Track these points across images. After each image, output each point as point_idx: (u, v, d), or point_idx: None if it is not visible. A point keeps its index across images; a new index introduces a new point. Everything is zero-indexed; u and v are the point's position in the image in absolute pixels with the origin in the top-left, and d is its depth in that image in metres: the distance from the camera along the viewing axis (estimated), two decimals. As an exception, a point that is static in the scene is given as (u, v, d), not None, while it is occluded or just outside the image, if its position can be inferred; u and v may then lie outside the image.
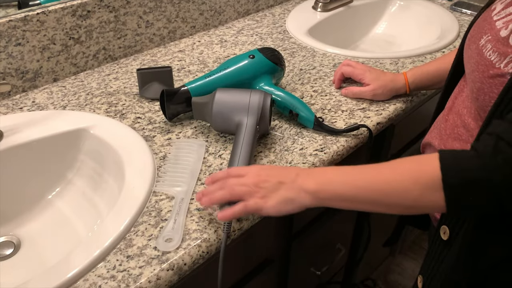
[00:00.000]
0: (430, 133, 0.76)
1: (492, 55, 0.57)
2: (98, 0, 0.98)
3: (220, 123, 0.78)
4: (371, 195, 0.56)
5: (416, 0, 1.43)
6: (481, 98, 0.59)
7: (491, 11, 0.63)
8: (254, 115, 0.75)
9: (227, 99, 0.76)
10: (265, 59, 0.86)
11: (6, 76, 0.91)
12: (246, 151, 0.71)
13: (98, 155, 0.79)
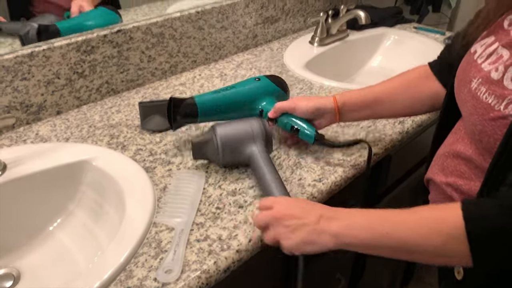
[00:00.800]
0: (431, 168, 0.77)
1: (489, 98, 0.59)
2: (102, 36, 1.01)
3: (229, 157, 0.80)
4: (393, 243, 0.57)
5: (410, 35, 1.47)
6: (485, 140, 0.60)
7: (472, 54, 0.66)
8: (261, 141, 0.79)
9: (230, 132, 0.79)
10: (270, 82, 0.90)
11: (11, 109, 0.93)
12: (276, 178, 0.75)
13: (99, 186, 0.80)
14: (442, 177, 0.71)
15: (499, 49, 0.61)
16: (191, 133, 0.95)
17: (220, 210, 0.74)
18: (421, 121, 1.01)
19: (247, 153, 0.79)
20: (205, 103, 0.85)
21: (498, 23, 0.64)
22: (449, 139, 0.74)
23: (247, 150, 0.79)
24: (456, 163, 0.68)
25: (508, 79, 0.58)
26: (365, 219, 0.59)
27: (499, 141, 0.57)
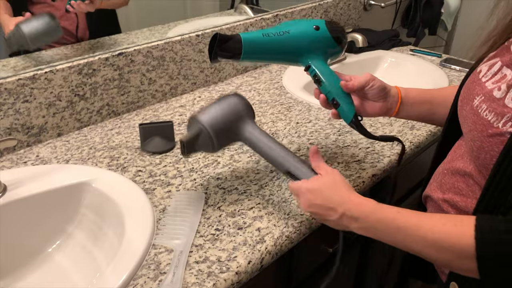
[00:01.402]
0: (430, 185, 0.78)
1: (489, 115, 0.60)
2: (103, 59, 1.03)
3: (223, 142, 0.76)
4: (407, 249, 0.61)
5: (407, 57, 1.49)
6: (482, 156, 0.61)
7: (477, 73, 0.68)
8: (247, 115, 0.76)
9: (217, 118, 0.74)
10: (329, 36, 0.78)
11: (12, 131, 0.94)
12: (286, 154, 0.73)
13: (99, 208, 0.80)
14: (440, 194, 0.72)
15: (503, 69, 0.63)
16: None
17: (219, 231, 0.74)
18: (418, 142, 1.02)
19: (239, 132, 0.76)
20: (252, 45, 0.75)
21: (505, 46, 0.66)
22: (449, 156, 0.74)
23: (238, 129, 0.75)
24: (454, 180, 0.69)
25: (509, 98, 0.59)
26: (383, 226, 0.62)
27: (495, 157, 0.58)
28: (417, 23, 1.99)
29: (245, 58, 0.75)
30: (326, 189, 0.66)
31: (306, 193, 0.68)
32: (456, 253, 0.56)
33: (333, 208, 0.65)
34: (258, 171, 0.90)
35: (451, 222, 0.58)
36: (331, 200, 0.65)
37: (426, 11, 1.98)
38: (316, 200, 0.67)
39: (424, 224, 0.59)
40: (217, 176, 0.89)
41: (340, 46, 0.81)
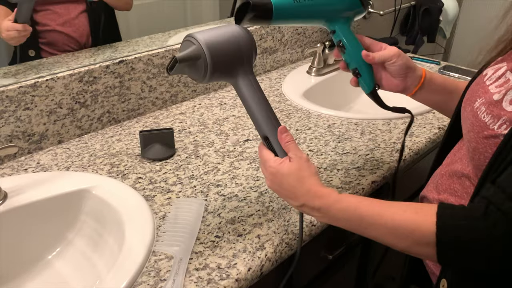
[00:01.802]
0: (427, 186, 0.79)
1: (486, 117, 0.61)
2: (104, 67, 1.04)
3: (214, 79, 0.68)
4: (370, 235, 0.62)
5: (405, 64, 1.50)
6: (477, 157, 0.62)
7: (483, 76, 0.69)
8: (248, 59, 0.69)
9: (221, 52, 0.66)
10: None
11: (13, 138, 0.94)
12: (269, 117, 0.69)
13: (99, 215, 0.81)
14: (435, 194, 0.73)
15: (507, 74, 0.64)
16: (190, 162, 0.96)
17: (219, 238, 0.75)
18: (418, 149, 1.03)
19: (234, 72, 0.68)
20: (282, 11, 0.73)
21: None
22: (448, 159, 0.75)
23: (234, 68, 0.68)
24: (450, 181, 0.70)
25: (507, 101, 0.60)
26: (345, 215, 0.63)
27: (488, 159, 0.59)
28: (416, 30, 2.00)
29: (276, 20, 0.74)
30: (289, 177, 0.65)
31: (271, 172, 0.67)
32: (416, 239, 0.57)
33: (294, 197, 0.66)
34: (257, 178, 0.90)
35: (412, 210, 0.59)
36: (293, 189, 0.65)
37: (425, 19, 1.99)
38: (279, 184, 0.67)
39: (385, 212, 0.60)
40: (217, 183, 0.89)
41: (364, 7, 0.80)
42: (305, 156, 0.67)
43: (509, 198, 0.53)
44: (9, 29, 0.96)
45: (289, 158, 0.66)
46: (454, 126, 0.76)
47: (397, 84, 0.80)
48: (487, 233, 0.53)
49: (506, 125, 0.58)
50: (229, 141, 1.04)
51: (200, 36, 0.65)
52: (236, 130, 1.09)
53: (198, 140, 1.04)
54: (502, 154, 0.56)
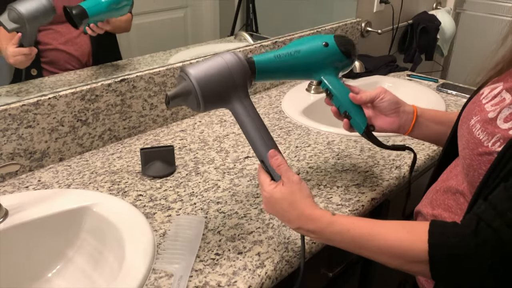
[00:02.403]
0: (422, 201, 0.80)
1: (481, 134, 0.63)
2: (106, 85, 1.05)
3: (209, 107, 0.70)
4: (364, 255, 0.64)
5: (404, 82, 1.52)
6: (471, 174, 0.63)
7: (480, 95, 0.70)
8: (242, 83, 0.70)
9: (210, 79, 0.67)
10: (338, 51, 0.80)
11: (15, 156, 0.95)
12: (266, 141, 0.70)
13: (99, 232, 0.81)
14: (429, 209, 0.74)
15: (503, 93, 0.65)
16: (190, 179, 0.96)
17: (219, 256, 0.75)
18: (416, 166, 1.03)
19: (229, 99, 0.70)
20: (264, 66, 0.77)
21: (510, 72, 0.68)
22: (444, 175, 0.76)
23: (229, 96, 0.70)
24: (445, 197, 0.71)
25: (501, 119, 0.61)
26: (339, 237, 0.64)
27: (482, 175, 0.59)
28: (414, 48, 2.03)
29: (259, 78, 0.77)
30: (282, 202, 0.67)
31: (265, 196, 0.69)
32: (409, 258, 0.58)
33: (288, 221, 0.67)
34: (258, 195, 0.91)
35: (404, 229, 0.60)
36: (287, 213, 0.67)
37: (422, 37, 2.02)
38: (274, 208, 0.69)
39: (378, 232, 0.61)
40: (217, 200, 0.89)
41: (349, 59, 0.82)
42: (296, 179, 0.67)
43: (500, 215, 0.54)
44: (16, 54, 0.97)
45: (282, 182, 0.68)
46: (451, 143, 0.77)
47: (391, 121, 0.82)
48: (477, 250, 0.54)
49: (500, 142, 0.59)
50: (229, 158, 1.05)
51: (191, 71, 0.67)
52: (236, 147, 1.09)
53: (198, 157, 1.05)
54: (496, 171, 0.57)
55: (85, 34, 1.07)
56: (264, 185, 0.69)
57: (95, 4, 1.04)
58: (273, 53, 0.78)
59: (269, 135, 0.71)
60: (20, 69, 1.01)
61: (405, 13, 1.95)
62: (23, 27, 0.96)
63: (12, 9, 0.94)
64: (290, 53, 0.78)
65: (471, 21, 2.29)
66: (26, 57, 0.99)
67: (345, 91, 0.81)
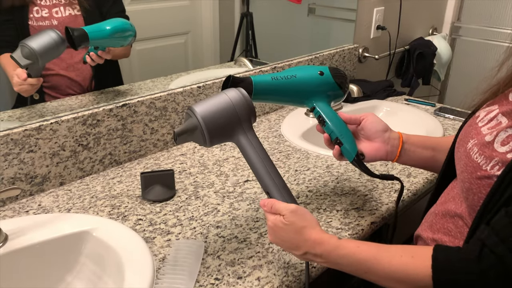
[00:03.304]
0: (421, 225, 0.80)
1: (479, 158, 0.63)
2: (108, 110, 1.06)
3: (215, 142, 0.73)
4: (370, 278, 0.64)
5: (402, 106, 1.54)
6: (471, 198, 0.64)
7: (475, 118, 0.72)
8: (246, 118, 0.73)
9: (215, 115, 0.71)
10: (332, 81, 0.84)
11: (16, 181, 0.95)
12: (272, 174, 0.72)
13: (99, 257, 0.80)
14: (429, 233, 0.74)
15: (499, 116, 0.66)
16: (190, 205, 0.97)
17: (218, 281, 0.74)
18: (416, 189, 1.04)
19: (234, 134, 0.73)
20: (262, 87, 0.81)
21: (504, 95, 0.69)
22: (442, 198, 0.76)
23: (234, 131, 0.73)
24: (444, 221, 0.71)
25: (498, 142, 0.62)
26: (345, 261, 0.65)
27: (482, 199, 0.60)
28: (411, 73, 2.06)
29: (256, 98, 0.81)
30: (288, 231, 0.68)
31: (271, 227, 0.70)
32: (413, 282, 0.59)
33: (296, 248, 0.68)
34: (257, 219, 0.91)
35: (408, 254, 0.61)
36: (294, 240, 0.68)
37: (419, 62, 2.05)
38: (280, 238, 0.69)
39: (382, 257, 0.62)
40: (217, 224, 0.89)
41: (342, 91, 0.86)
42: (293, 207, 0.69)
43: (502, 241, 0.54)
44: (22, 83, 0.99)
45: (282, 215, 0.69)
46: (448, 166, 0.78)
47: (378, 147, 0.83)
48: (481, 276, 0.54)
49: (498, 166, 0.60)
50: (229, 181, 1.05)
51: (197, 108, 0.71)
52: (236, 171, 1.10)
53: (198, 181, 1.05)
54: (496, 195, 0.58)
55: (84, 63, 1.09)
56: (268, 216, 0.70)
57: (98, 30, 1.06)
58: (271, 75, 0.82)
59: (274, 167, 0.74)
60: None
61: (401, 39, 1.98)
62: (35, 62, 0.98)
63: (24, 45, 0.96)
64: (287, 77, 0.83)
65: (466, 47, 2.33)
66: (32, 87, 1.01)
67: (337, 118, 0.84)
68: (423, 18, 2.16)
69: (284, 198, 0.71)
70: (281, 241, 0.69)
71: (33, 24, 1.00)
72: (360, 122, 0.84)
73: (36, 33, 1.00)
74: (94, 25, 1.07)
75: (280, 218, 0.68)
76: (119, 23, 1.09)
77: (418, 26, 2.16)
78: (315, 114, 0.85)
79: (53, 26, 1.02)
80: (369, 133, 0.83)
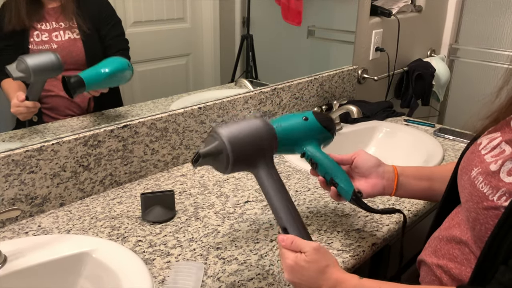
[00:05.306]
0: (425, 250, 0.79)
1: (485, 188, 0.63)
2: (109, 131, 1.07)
3: (236, 169, 0.71)
4: None
5: (401, 127, 1.55)
6: (478, 228, 0.63)
7: (478, 145, 0.71)
8: (269, 151, 0.72)
9: (242, 144, 0.69)
10: (317, 123, 0.84)
11: (16, 201, 0.95)
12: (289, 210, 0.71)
13: (98, 279, 0.80)
14: (434, 259, 0.73)
15: (502, 144, 0.66)
16: (190, 224, 0.96)
17: (219, 303, 0.73)
18: (416, 210, 1.03)
19: (256, 164, 0.71)
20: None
21: (506, 121, 0.69)
22: (445, 223, 0.76)
23: (255, 160, 0.71)
24: (449, 247, 0.70)
25: (504, 172, 0.61)
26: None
27: (490, 230, 0.59)
28: (410, 94, 2.07)
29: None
30: (309, 269, 0.66)
31: (290, 265, 0.67)
32: None
33: (317, 285, 0.66)
34: (258, 240, 0.90)
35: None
36: (314, 279, 0.66)
37: (418, 83, 2.07)
38: (299, 277, 0.67)
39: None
40: (217, 245, 0.89)
41: (330, 133, 0.86)
42: (316, 245, 0.68)
43: None
44: (19, 105, 1.00)
45: (304, 253, 0.67)
46: (450, 191, 0.78)
47: (374, 183, 0.83)
48: None
49: (506, 196, 0.59)
50: (229, 202, 1.05)
51: (223, 131, 0.68)
52: (236, 192, 1.10)
53: (198, 202, 1.05)
54: (504, 227, 0.57)
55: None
56: (287, 253, 0.68)
57: (94, 74, 1.07)
58: None
59: (293, 203, 0.72)
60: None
61: (400, 61, 2.01)
62: (28, 77, 0.99)
63: (21, 60, 0.98)
64: (273, 124, 0.81)
65: (465, 68, 2.36)
66: (28, 110, 1.02)
67: (329, 159, 0.84)
68: (421, 40, 2.19)
69: (302, 236, 0.70)
70: (300, 280, 0.67)
71: (33, 48, 1.02)
72: (352, 161, 0.85)
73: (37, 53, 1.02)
74: (92, 69, 1.07)
75: (302, 256, 0.66)
76: (117, 65, 1.10)
77: (416, 48, 2.18)
78: (307, 158, 0.85)
79: (52, 50, 1.04)
80: (363, 170, 0.84)
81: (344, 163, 0.85)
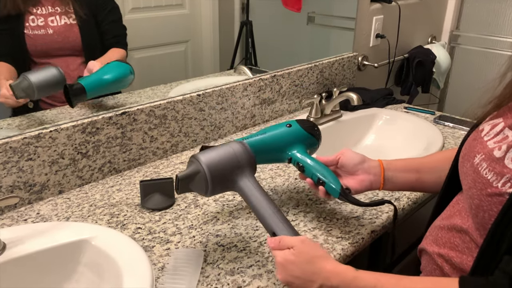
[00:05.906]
0: (426, 239, 0.79)
1: (489, 174, 0.62)
2: (107, 118, 1.06)
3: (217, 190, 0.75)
4: None
5: (401, 115, 1.54)
6: (481, 215, 0.62)
7: (479, 131, 0.70)
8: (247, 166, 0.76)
9: (218, 163, 0.74)
10: (300, 129, 0.88)
11: (14, 189, 0.95)
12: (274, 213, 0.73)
13: (97, 266, 0.80)
14: (435, 248, 0.72)
15: (505, 130, 0.65)
16: (190, 210, 0.96)
17: (218, 290, 0.74)
18: (416, 198, 1.03)
19: (235, 182, 0.75)
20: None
21: (508, 107, 0.69)
22: (446, 211, 0.75)
23: (235, 180, 0.75)
24: (450, 235, 0.70)
25: (509, 159, 0.61)
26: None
27: (494, 217, 0.59)
28: (410, 81, 2.06)
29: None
30: (300, 261, 0.66)
31: (280, 263, 0.67)
32: None
33: (309, 281, 0.65)
34: (257, 228, 0.90)
35: (431, 285, 0.59)
36: (307, 272, 0.65)
37: (418, 71, 2.06)
38: (291, 272, 0.66)
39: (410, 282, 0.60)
40: (216, 233, 0.89)
41: (315, 138, 0.90)
42: (303, 238, 0.68)
43: None
44: (8, 97, 0.99)
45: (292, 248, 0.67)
46: (451, 179, 0.77)
47: (361, 179, 0.83)
48: None
49: (510, 183, 0.58)
50: (228, 190, 1.05)
51: (199, 155, 0.74)
52: (236, 180, 1.10)
53: (197, 189, 1.05)
54: (508, 214, 0.57)
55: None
56: (276, 253, 0.68)
57: (96, 81, 1.06)
58: (241, 139, 0.85)
59: (277, 208, 0.74)
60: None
61: (400, 47, 1.99)
62: (31, 95, 0.99)
63: (25, 77, 0.97)
64: (257, 134, 0.87)
65: (465, 55, 2.34)
66: (17, 103, 1.01)
67: (315, 161, 0.85)
68: (422, 26, 2.17)
69: (290, 234, 0.70)
70: (292, 276, 0.66)
71: (29, 33, 1.01)
72: (337, 161, 0.85)
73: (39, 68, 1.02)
74: (93, 76, 1.06)
75: (290, 250, 0.66)
76: (119, 71, 1.10)
77: (417, 35, 2.17)
78: (293, 163, 0.87)
79: (48, 35, 1.03)
80: (348, 168, 0.84)
81: (330, 164, 0.86)
